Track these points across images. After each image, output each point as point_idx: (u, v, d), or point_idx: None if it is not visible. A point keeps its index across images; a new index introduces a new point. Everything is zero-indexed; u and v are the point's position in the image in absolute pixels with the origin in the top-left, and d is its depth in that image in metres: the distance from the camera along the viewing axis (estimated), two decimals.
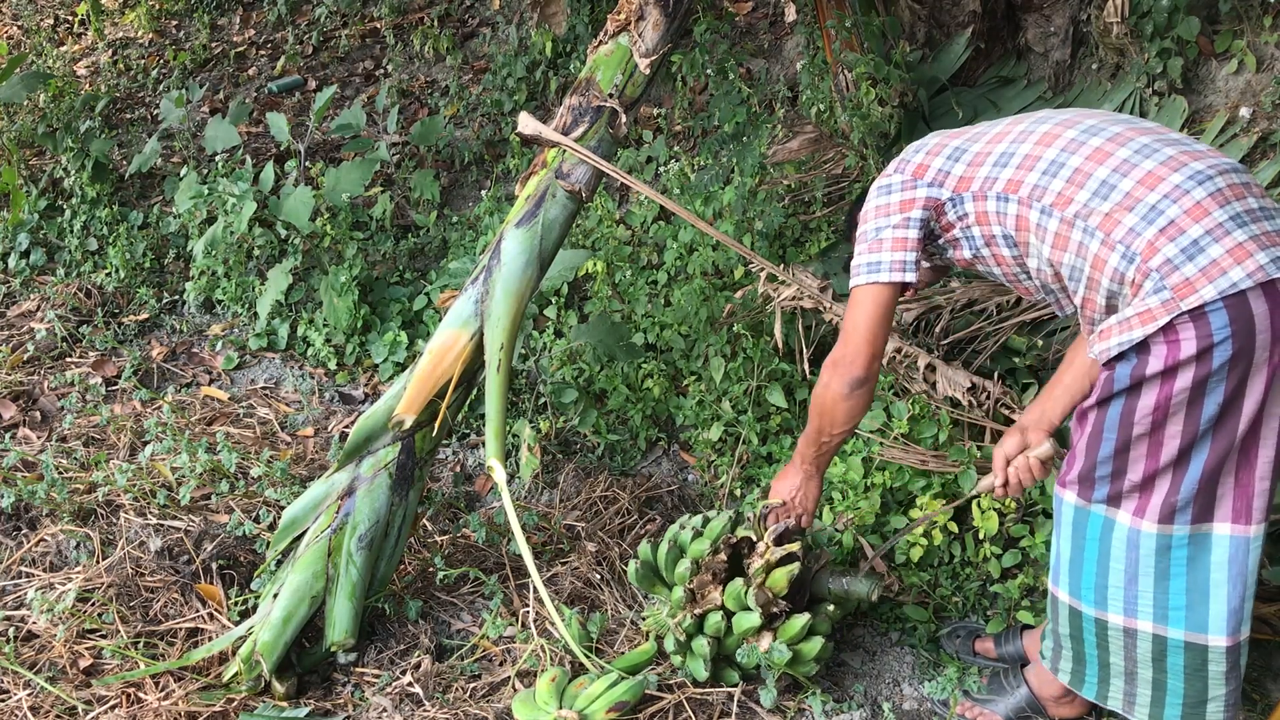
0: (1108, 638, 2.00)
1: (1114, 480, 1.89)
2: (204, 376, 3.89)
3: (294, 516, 2.58)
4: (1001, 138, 1.94)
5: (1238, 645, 1.91)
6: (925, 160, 2.00)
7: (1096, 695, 2.10)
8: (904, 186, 2.00)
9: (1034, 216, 1.87)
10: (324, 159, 4.75)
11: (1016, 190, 1.88)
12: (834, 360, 2.08)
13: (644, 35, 2.64)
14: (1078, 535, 1.97)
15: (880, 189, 2.03)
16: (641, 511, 3.03)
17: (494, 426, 2.44)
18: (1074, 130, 1.87)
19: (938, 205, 1.98)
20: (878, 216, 2.02)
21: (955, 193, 1.96)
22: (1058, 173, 1.84)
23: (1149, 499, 1.86)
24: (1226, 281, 1.68)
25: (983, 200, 1.93)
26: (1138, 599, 1.93)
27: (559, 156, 2.65)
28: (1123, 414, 1.83)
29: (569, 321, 3.59)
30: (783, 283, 2.98)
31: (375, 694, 2.41)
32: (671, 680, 2.40)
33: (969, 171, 1.94)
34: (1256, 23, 3.06)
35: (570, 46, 4.64)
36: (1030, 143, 1.90)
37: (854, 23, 3.53)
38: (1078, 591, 2.00)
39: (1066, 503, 1.98)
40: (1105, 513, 1.92)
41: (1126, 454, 1.85)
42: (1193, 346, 1.72)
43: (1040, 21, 3.62)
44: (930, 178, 1.98)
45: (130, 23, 6.51)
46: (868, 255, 2.01)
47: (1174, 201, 1.73)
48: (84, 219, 4.52)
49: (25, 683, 2.39)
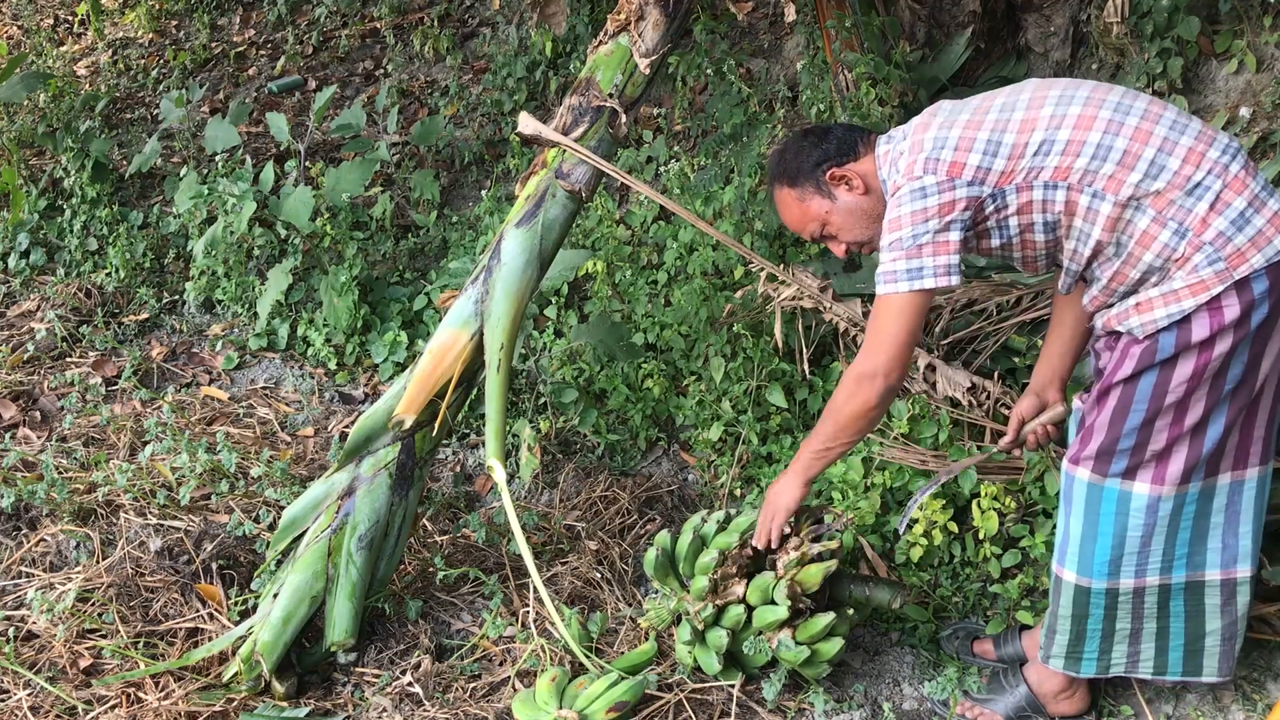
0: (1116, 605, 2.05)
1: (1135, 453, 1.93)
2: (204, 376, 3.90)
3: (294, 516, 2.58)
4: (1033, 125, 1.89)
5: (1233, 580, 2.01)
6: (958, 158, 1.90)
7: (1096, 670, 2.13)
8: (941, 188, 1.90)
9: (1084, 200, 1.87)
10: (324, 159, 4.75)
11: (1066, 177, 1.86)
12: (868, 372, 1.99)
13: (644, 35, 2.64)
14: (1091, 512, 1.99)
15: (914, 193, 1.92)
16: (641, 511, 3.03)
17: (494, 426, 2.44)
18: (1106, 110, 1.85)
19: (978, 203, 1.92)
20: (915, 222, 1.91)
21: (997, 188, 1.90)
22: (1107, 156, 1.83)
23: (1165, 467, 1.92)
24: (1273, 249, 1.80)
25: (1028, 190, 1.89)
26: (1149, 559, 1.99)
27: (559, 156, 2.65)
28: (1156, 385, 1.88)
29: (569, 321, 3.59)
30: (783, 283, 2.98)
31: (375, 694, 2.41)
32: (671, 680, 2.40)
33: (1009, 165, 1.89)
34: (1256, 23, 3.06)
35: (570, 46, 4.64)
36: (1069, 127, 1.86)
37: (854, 23, 3.53)
38: (1088, 569, 2.03)
39: (1079, 480, 1.99)
40: (1121, 485, 1.95)
41: (1153, 425, 1.90)
42: (1236, 312, 1.80)
43: (1040, 21, 3.62)
44: (970, 176, 1.90)
45: (130, 23, 6.51)
46: (905, 261, 1.92)
47: (1217, 177, 1.81)
48: (84, 219, 4.52)
49: (25, 683, 2.39)
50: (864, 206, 2.08)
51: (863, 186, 2.07)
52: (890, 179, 2.01)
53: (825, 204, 2.11)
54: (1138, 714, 2.29)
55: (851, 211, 2.09)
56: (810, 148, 2.11)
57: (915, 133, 1.98)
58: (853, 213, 2.09)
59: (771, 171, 2.19)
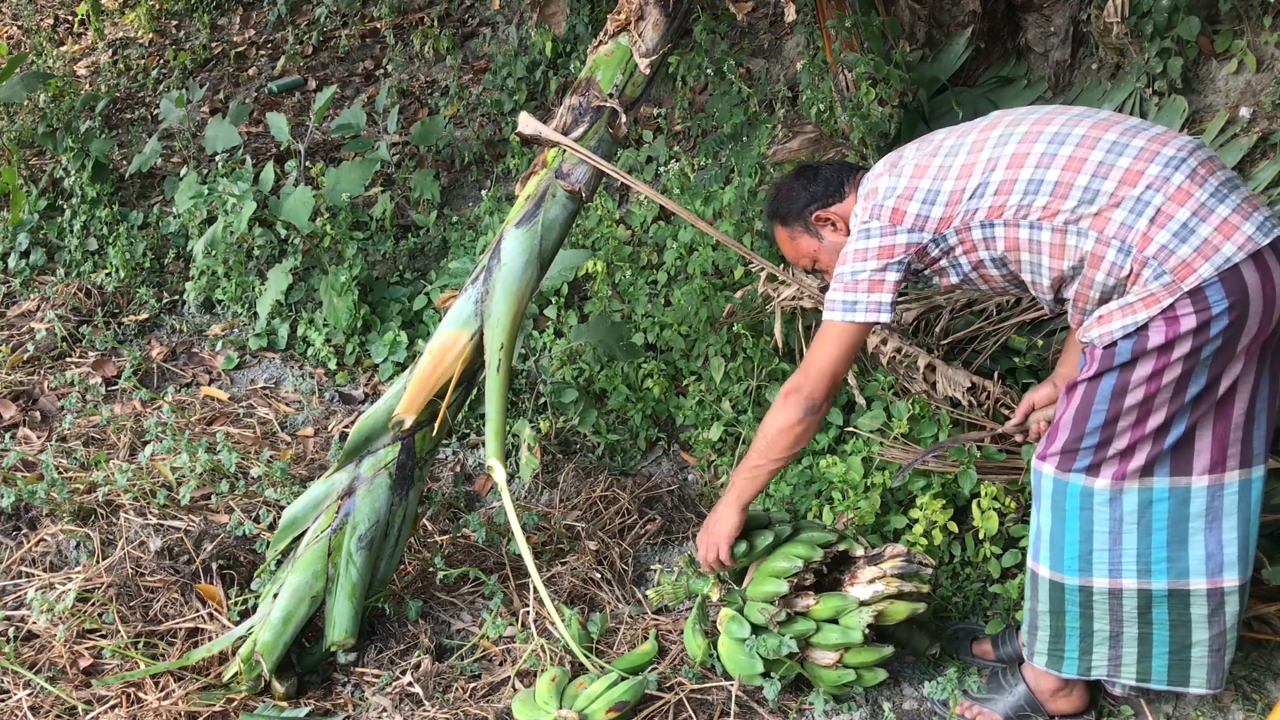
0: (1092, 604, 2.06)
1: (1098, 450, 1.95)
2: (204, 376, 3.90)
3: (294, 516, 2.58)
4: (970, 170, 1.97)
5: (1220, 590, 1.99)
6: (900, 205, 2.03)
7: (1078, 670, 2.14)
8: (883, 233, 2.04)
9: (1023, 234, 1.94)
10: (324, 159, 4.75)
11: (1000, 214, 1.94)
12: (794, 387, 2.15)
13: (644, 35, 2.65)
14: (1057, 507, 2.03)
15: (860, 233, 2.07)
16: (641, 511, 3.03)
17: (494, 426, 2.44)
18: (1041, 144, 1.91)
19: (919, 248, 2.03)
20: (855, 260, 2.06)
21: (937, 233, 2.01)
22: (1039, 189, 1.90)
23: (1128, 462, 1.94)
24: (1221, 258, 1.79)
25: (966, 231, 1.99)
26: (1121, 558, 2.00)
27: (559, 156, 2.65)
28: (1116, 386, 1.90)
29: (569, 321, 3.59)
30: (783, 283, 2.98)
31: (375, 694, 2.41)
32: (672, 680, 2.40)
33: (946, 211, 1.99)
34: (1256, 23, 3.06)
35: (570, 46, 4.64)
36: (1001, 169, 1.94)
37: (854, 23, 3.53)
38: (1059, 564, 2.05)
39: (1045, 475, 2.04)
40: (1084, 481, 1.98)
41: (1115, 425, 1.92)
42: (1192, 321, 1.81)
43: (1040, 21, 3.62)
44: (910, 224, 2.02)
45: (130, 23, 6.51)
46: (843, 294, 2.07)
47: (1157, 191, 1.82)
48: (84, 219, 4.52)
49: (25, 683, 2.39)
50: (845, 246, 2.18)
51: (845, 228, 2.21)
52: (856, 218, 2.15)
53: (813, 243, 2.28)
54: (1138, 714, 2.29)
55: (835, 249, 2.23)
56: (800, 189, 2.27)
57: (874, 179, 2.12)
58: (836, 250, 2.23)
59: (768, 209, 2.36)
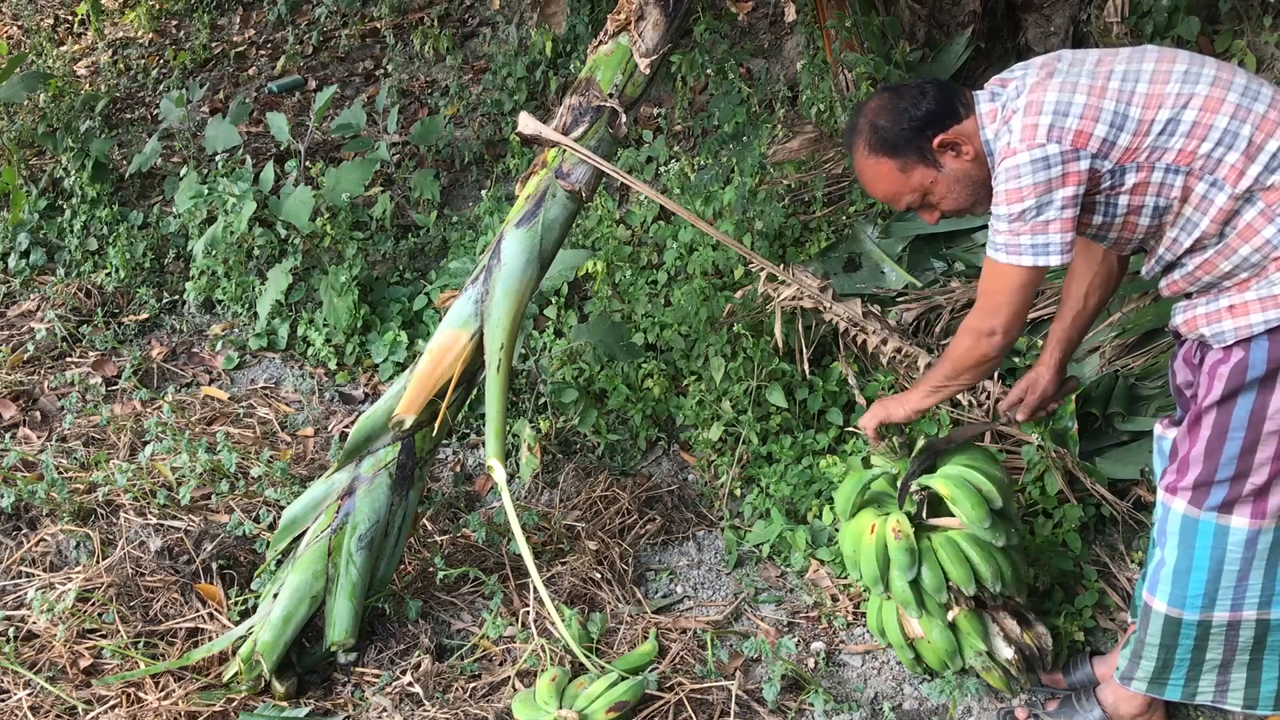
0: (1209, 637, 1.96)
1: (1234, 484, 1.83)
2: (204, 376, 3.89)
3: (294, 516, 2.58)
4: (1159, 101, 1.77)
5: None
6: (1084, 127, 1.77)
7: (1182, 695, 2.05)
8: (1065, 159, 1.77)
9: (1201, 188, 1.77)
10: (324, 159, 4.75)
11: (1189, 162, 1.76)
12: (987, 329, 1.93)
13: (644, 35, 2.65)
14: (1186, 544, 1.91)
15: (1036, 162, 1.78)
16: (641, 511, 3.03)
17: (494, 426, 2.44)
18: (1234, 94, 1.75)
19: (1097, 176, 1.80)
20: (1039, 194, 1.79)
21: (1118, 164, 1.79)
22: (1232, 143, 1.73)
23: (1266, 501, 1.82)
24: None
25: (1148, 171, 1.79)
26: (1246, 593, 1.90)
27: (559, 156, 2.65)
28: (1254, 410, 1.77)
29: (569, 321, 3.59)
30: (783, 283, 2.98)
31: (375, 694, 2.41)
32: (672, 680, 2.40)
33: (1134, 141, 1.78)
34: (1256, 23, 3.06)
35: (570, 46, 4.64)
36: (1195, 108, 1.75)
37: (854, 23, 3.53)
38: (1180, 601, 1.94)
39: (1174, 511, 1.91)
40: (1218, 519, 1.86)
41: (1253, 454, 1.79)
42: None
43: (1040, 21, 3.62)
44: (1095, 148, 1.77)
45: (130, 23, 6.51)
46: (1031, 236, 1.81)
47: None
48: (84, 219, 4.52)
49: (25, 683, 2.39)
50: (971, 174, 1.93)
51: (971, 152, 1.91)
52: (1000, 140, 1.86)
53: (930, 174, 1.94)
54: None
55: (959, 180, 1.94)
56: (908, 109, 1.92)
57: (1032, 91, 1.82)
58: (959, 181, 1.94)
59: (864, 138, 1.97)
